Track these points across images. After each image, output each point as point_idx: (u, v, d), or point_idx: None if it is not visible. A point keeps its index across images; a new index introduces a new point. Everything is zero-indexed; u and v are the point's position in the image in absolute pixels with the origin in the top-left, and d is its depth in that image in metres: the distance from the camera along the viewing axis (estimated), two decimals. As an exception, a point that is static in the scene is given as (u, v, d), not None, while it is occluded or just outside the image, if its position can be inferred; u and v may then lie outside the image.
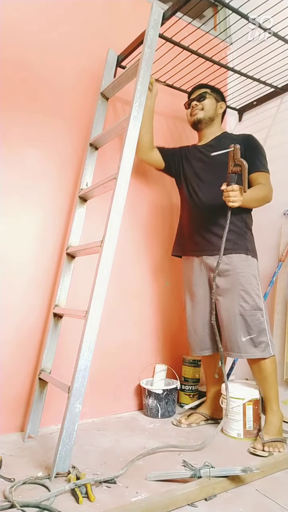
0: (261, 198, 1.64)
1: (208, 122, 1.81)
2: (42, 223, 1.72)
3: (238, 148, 1.46)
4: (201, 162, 1.79)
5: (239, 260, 1.62)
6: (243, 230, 1.67)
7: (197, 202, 1.75)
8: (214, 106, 1.81)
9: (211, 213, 1.68)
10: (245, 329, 1.58)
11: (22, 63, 1.70)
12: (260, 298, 1.61)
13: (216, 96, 1.82)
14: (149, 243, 2.08)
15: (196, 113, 1.80)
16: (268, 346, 1.57)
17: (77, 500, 1.09)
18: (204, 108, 1.78)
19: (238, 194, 1.48)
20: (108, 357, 1.87)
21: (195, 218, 1.76)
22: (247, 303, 1.58)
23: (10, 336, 1.61)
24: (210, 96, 1.79)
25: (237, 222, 1.65)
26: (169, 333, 2.12)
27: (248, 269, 1.62)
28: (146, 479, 1.22)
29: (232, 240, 1.62)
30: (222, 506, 1.11)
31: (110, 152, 1.90)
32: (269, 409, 1.59)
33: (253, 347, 1.56)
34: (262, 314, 1.59)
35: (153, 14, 1.56)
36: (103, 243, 1.36)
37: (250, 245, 1.68)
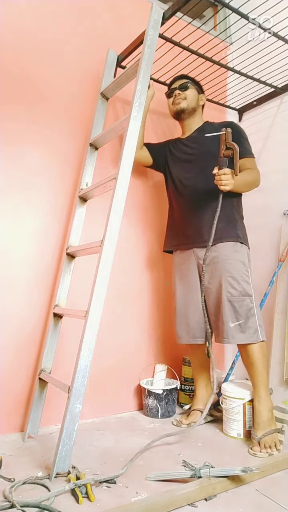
0: (251, 182, 1.66)
1: (191, 112, 1.81)
2: (42, 223, 1.72)
3: (230, 132, 1.47)
4: (186, 154, 1.81)
5: (227, 247, 1.63)
6: (233, 218, 1.68)
7: (185, 194, 1.77)
8: (196, 97, 1.81)
9: (200, 204, 1.69)
10: (233, 315, 1.58)
11: (22, 63, 1.70)
12: (249, 284, 1.61)
13: (197, 88, 1.83)
14: (149, 243, 2.08)
15: (179, 102, 1.79)
16: (257, 332, 1.57)
17: (77, 500, 1.09)
18: (187, 98, 1.79)
19: (229, 177, 1.49)
20: (108, 357, 1.87)
21: (184, 211, 1.77)
22: (234, 289, 1.59)
23: (10, 336, 1.61)
24: (192, 87, 1.80)
25: (227, 209, 1.65)
26: (169, 333, 2.11)
27: (236, 256, 1.63)
28: (146, 479, 1.22)
29: (221, 229, 1.62)
30: (222, 506, 1.11)
31: (110, 152, 1.90)
32: (256, 396, 1.56)
33: (241, 332, 1.57)
34: (251, 300, 1.60)
35: (153, 14, 1.56)
36: (103, 243, 1.36)
37: (240, 232, 1.68)
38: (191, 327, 1.75)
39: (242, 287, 1.59)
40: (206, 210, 1.67)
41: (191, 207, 1.74)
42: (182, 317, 1.78)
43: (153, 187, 2.12)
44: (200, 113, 1.87)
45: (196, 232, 1.71)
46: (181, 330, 1.79)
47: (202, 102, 1.86)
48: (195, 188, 1.72)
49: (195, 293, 1.74)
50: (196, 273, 1.74)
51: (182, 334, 1.78)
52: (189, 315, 1.76)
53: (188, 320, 1.76)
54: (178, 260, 1.83)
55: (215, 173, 1.52)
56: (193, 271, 1.75)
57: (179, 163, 1.83)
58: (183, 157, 1.82)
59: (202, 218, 1.68)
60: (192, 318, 1.75)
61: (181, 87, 1.80)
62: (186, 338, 1.77)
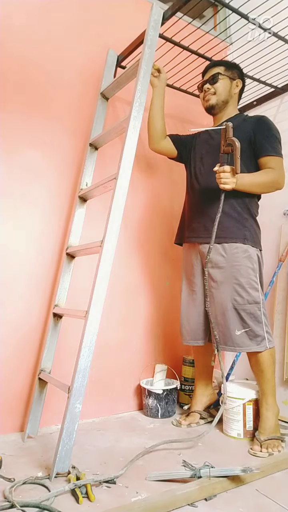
0: (265, 182, 1.54)
1: (222, 106, 1.71)
2: (42, 223, 1.72)
3: (230, 126, 1.40)
4: (207, 144, 1.72)
5: (235, 251, 1.56)
6: (243, 216, 1.59)
7: (196, 186, 1.72)
8: (228, 88, 1.69)
9: (210, 198, 1.61)
10: (239, 323, 1.55)
11: (22, 63, 1.70)
12: (258, 291, 1.56)
13: (231, 74, 1.70)
14: (149, 243, 2.08)
15: (208, 99, 1.70)
16: (265, 340, 1.54)
17: (77, 500, 1.09)
18: (216, 92, 1.68)
19: (229, 175, 1.43)
20: (108, 357, 1.87)
21: (193, 204, 1.73)
22: (241, 297, 1.54)
23: (10, 336, 1.61)
24: (223, 77, 1.68)
25: (237, 207, 1.58)
26: (169, 333, 2.12)
27: (245, 261, 1.55)
28: (146, 479, 1.22)
29: (229, 228, 1.56)
30: (222, 506, 1.11)
31: (110, 152, 1.90)
32: (264, 403, 1.56)
33: (249, 340, 1.53)
34: (259, 307, 1.55)
35: (153, 14, 1.56)
36: (103, 243, 1.36)
37: (250, 234, 1.58)
38: (192, 328, 1.73)
39: (250, 294, 1.54)
40: (211, 205, 1.59)
41: (201, 200, 1.68)
42: (185, 317, 1.77)
43: (153, 186, 2.12)
44: (234, 103, 1.75)
45: (201, 226, 1.65)
46: (184, 330, 1.77)
47: (237, 89, 1.72)
48: (208, 181, 1.64)
49: (197, 294, 1.71)
50: (199, 272, 1.70)
51: (184, 334, 1.77)
52: (189, 316, 1.74)
53: (189, 321, 1.75)
54: (184, 254, 1.79)
55: (215, 170, 1.47)
56: (196, 269, 1.71)
57: (199, 154, 1.75)
58: (204, 148, 1.73)
59: (208, 213, 1.61)
60: (192, 319, 1.73)
61: (211, 80, 1.69)
62: (187, 339, 1.76)
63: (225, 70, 1.70)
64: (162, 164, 2.15)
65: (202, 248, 1.66)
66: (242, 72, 1.77)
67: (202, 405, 1.79)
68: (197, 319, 1.72)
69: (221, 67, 1.71)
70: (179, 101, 2.19)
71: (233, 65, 1.75)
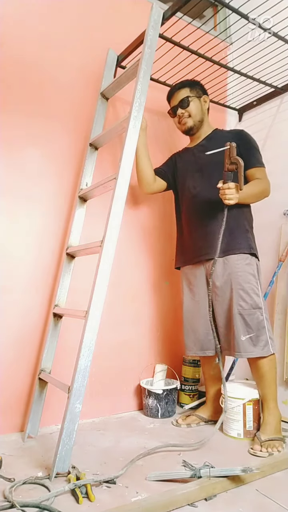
0: (258, 192, 1.63)
1: (199, 125, 1.78)
2: (42, 223, 1.72)
3: (234, 146, 1.46)
4: (194, 163, 1.77)
5: (238, 259, 1.61)
6: (245, 229, 1.67)
7: (193, 205, 1.74)
8: (200, 107, 1.76)
9: (209, 214, 1.66)
10: (245, 328, 1.57)
11: (22, 63, 1.70)
12: (260, 297, 1.60)
13: (197, 93, 1.76)
14: (149, 243, 2.08)
15: (185, 122, 1.76)
16: (268, 345, 1.57)
17: (77, 500, 1.09)
18: (191, 114, 1.74)
19: (234, 191, 1.49)
20: (108, 357, 1.86)
21: (192, 224, 1.75)
22: (245, 302, 1.58)
23: (10, 336, 1.61)
24: (192, 98, 1.73)
25: (239, 220, 1.65)
26: (169, 333, 2.12)
27: (247, 268, 1.61)
28: (146, 479, 1.22)
29: (233, 241, 1.62)
30: (222, 506, 1.11)
31: (110, 152, 1.90)
32: (265, 408, 1.58)
33: (253, 346, 1.56)
34: (262, 312, 1.58)
35: (153, 14, 1.56)
36: (103, 243, 1.36)
37: (252, 244, 1.66)
38: (199, 339, 1.74)
39: (253, 300, 1.58)
40: (215, 221, 1.63)
41: (199, 218, 1.70)
42: (190, 328, 1.77)
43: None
44: (207, 120, 1.82)
45: (205, 244, 1.67)
46: (189, 341, 1.77)
47: (207, 105, 1.80)
48: (204, 198, 1.68)
49: (203, 305, 1.72)
50: (205, 284, 1.72)
51: (190, 345, 1.77)
52: (197, 327, 1.74)
53: (196, 332, 1.75)
54: (187, 270, 1.80)
55: (220, 187, 1.51)
56: (201, 282, 1.73)
57: (187, 173, 1.79)
58: (191, 167, 1.78)
59: (210, 229, 1.64)
60: (200, 330, 1.73)
61: (182, 105, 1.73)
62: (194, 350, 1.76)
63: (190, 91, 1.74)
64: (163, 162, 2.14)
65: (206, 263, 1.70)
66: (203, 87, 1.81)
67: (208, 414, 1.79)
68: (205, 330, 1.72)
69: (186, 89, 1.74)
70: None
71: (194, 83, 1.79)
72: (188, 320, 1.79)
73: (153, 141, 2.06)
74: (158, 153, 2.06)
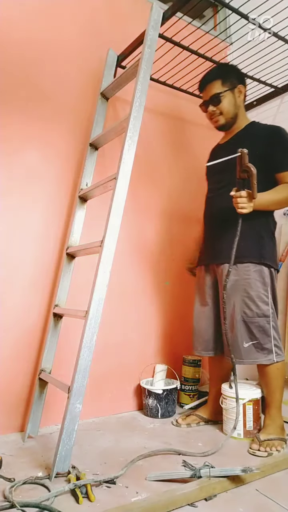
0: (282, 199, 1.52)
1: (233, 121, 1.67)
2: (42, 223, 1.72)
3: (246, 153, 1.35)
4: (220, 171, 1.66)
5: (246, 266, 1.56)
6: (260, 235, 1.58)
7: (212, 208, 1.71)
8: (233, 101, 1.63)
9: (225, 220, 1.59)
10: (247, 336, 1.54)
11: (22, 63, 1.70)
12: (268, 305, 1.54)
13: (230, 84, 1.62)
14: (149, 243, 2.08)
15: (217, 120, 1.66)
16: (271, 353, 1.53)
17: (77, 500, 1.09)
18: (223, 112, 1.63)
19: (246, 200, 1.41)
20: (108, 357, 1.86)
21: (210, 228, 1.73)
22: (250, 310, 1.54)
23: (10, 336, 1.61)
24: (225, 94, 1.61)
25: (255, 226, 1.56)
26: (169, 333, 2.12)
27: (255, 275, 1.55)
28: (146, 479, 1.22)
29: (244, 248, 1.53)
30: (222, 506, 1.11)
31: (110, 152, 1.90)
32: (267, 413, 1.58)
33: (256, 352, 1.53)
34: (268, 320, 1.54)
35: (153, 14, 1.56)
36: (103, 243, 1.36)
37: (266, 252, 1.57)
38: (205, 339, 1.73)
39: (259, 307, 1.53)
40: (229, 227, 1.54)
41: (216, 222, 1.67)
42: (197, 329, 1.77)
43: (155, 188, 2.12)
44: (242, 111, 1.69)
45: (217, 249, 1.64)
46: (196, 342, 1.77)
47: (241, 95, 1.65)
48: (223, 205, 1.57)
49: (210, 308, 1.72)
50: (212, 288, 1.71)
51: (196, 345, 1.77)
52: (202, 328, 1.74)
53: (201, 333, 1.74)
54: (199, 272, 1.80)
55: (232, 194, 1.44)
56: (210, 285, 1.72)
57: (213, 173, 1.73)
58: (216, 167, 1.61)
59: (224, 235, 1.59)
60: (205, 331, 1.73)
61: (213, 102, 1.63)
62: (199, 349, 1.75)
63: (222, 84, 1.62)
64: (163, 163, 2.15)
65: (215, 267, 1.67)
66: (239, 72, 1.70)
67: (209, 414, 1.79)
68: (207, 331, 1.72)
69: (218, 81, 1.62)
70: (179, 101, 2.19)
71: (229, 71, 1.67)
72: (195, 320, 1.79)
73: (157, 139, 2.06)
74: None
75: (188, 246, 2.19)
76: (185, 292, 2.17)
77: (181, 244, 2.17)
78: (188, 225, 2.18)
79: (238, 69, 1.72)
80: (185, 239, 2.19)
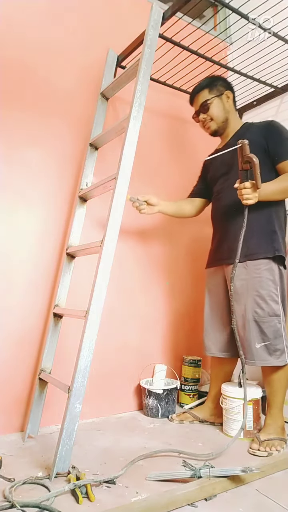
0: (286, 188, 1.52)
1: (224, 125, 1.72)
2: (42, 223, 1.72)
3: (246, 143, 1.36)
4: (222, 165, 1.71)
5: (257, 264, 1.55)
6: (271, 229, 1.57)
7: (220, 209, 1.71)
8: (221, 106, 1.69)
9: (234, 217, 1.60)
10: (259, 336, 1.53)
11: (22, 62, 1.70)
12: (278, 304, 1.53)
13: (217, 91, 1.69)
14: (149, 243, 2.08)
15: (209, 126, 1.72)
16: (284, 354, 1.52)
17: (77, 500, 1.09)
18: (213, 118, 1.70)
19: (250, 191, 1.41)
20: (108, 357, 1.87)
21: (219, 227, 1.73)
22: (262, 309, 1.53)
23: (10, 336, 1.61)
24: (212, 100, 1.68)
25: (263, 221, 1.56)
26: (169, 333, 2.12)
27: (266, 274, 1.54)
28: (146, 479, 1.22)
29: (254, 244, 1.54)
30: (222, 506, 1.11)
31: (110, 152, 1.90)
32: (268, 412, 1.58)
33: (268, 354, 1.52)
34: (279, 320, 1.53)
35: (153, 14, 1.56)
36: (103, 243, 1.36)
37: (278, 245, 1.55)
38: (219, 340, 1.73)
39: (270, 307, 1.52)
40: (237, 223, 1.54)
41: (224, 221, 1.68)
42: (210, 330, 1.76)
43: (155, 187, 2.12)
44: (233, 114, 1.74)
45: (226, 248, 1.64)
46: (209, 342, 1.76)
47: (230, 100, 1.71)
48: (227, 201, 1.63)
49: (220, 308, 1.72)
50: (224, 289, 1.70)
51: (209, 345, 1.76)
52: (216, 329, 1.74)
53: (216, 334, 1.74)
54: (209, 273, 1.80)
55: (236, 187, 1.45)
56: (220, 286, 1.72)
57: (217, 177, 1.75)
58: (221, 170, 1.70)
59: (232, 232, 1.60)
60: (220, 332, 1.72)
61: (203, 109, 1.70)
62: (213, 350, 1.74)
63: (209, 92, 1.69)
64: (163, 163, 2.15)
65: (225, 267, 1.67)
66: (224, 80, 1.75)
67: (204, 415, 1.78)
68: (224, 333, 1.71)
69: (204, 91, 1.69)
70: (179, 101, 2.19)
71: (213, 80, 1.73)
72: (207, 322, 1.78)
73: (158, 139, 2.06)
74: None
75: (188, 246, 2.20)
76: (185, 292, 2.17)
77: (181, 244, 2.18)
78: (188, 225, 2.18)
79: (224, 78, 1.78)
80: (185, 239, 2.19)
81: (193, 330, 2.18)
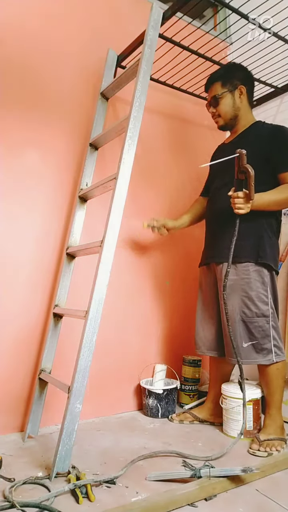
0: (282, 200, 1.51)
1: (233, 122, 1.68)
2: (42, 223, 1.72)
3: (244, 154, 1.35)
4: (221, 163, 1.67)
5: (245, 266, 1.56)
6: (259, 235, 1.57)
7: (213, 209, 1.72)
8: (231, 103, 1.64)
9: (224, 220, 1.59)
10: (247, 336, 1.55)
11: (22, 62, 1.70)
12: (267, 305, 1.54)
13: (230, 86, 1.63)
14: (150, 243, 2.08)
15: (217, 121, 1.71)
16: (271, 353, 1.53)
17: (77, 500, 1.09)
18: (220, 114, 1.67)
19: (242, 201, 1.41)
20: (108, 357, 1.86)
21: (211, 226, 1.74)
22: (249, 310, 1.54)
23: (10, 336, 1.61)
24: (223, 95, 1.63)
25: (255, 226, 1.56)
26: (169, 333, 2.12)
27: (254, 275, 1.55)
28: (146, 479, 1.22)
29: (243, 248, 1.54)
30: (222, 506, 1.11)
31: (110, 152, 1.90)
32: (267, 413, 1.58)
33: (255, 353, 1.53)
34: (268, 320, 1.54)
35: (153, 14, 1.56)
36: (103, 243, 1.36)
37: (264, 252, 1.56)
38: (208, 339, 1.74)
39: (258, 307, 1.53)
40: (228, 227, 1.54)
41: (216, 222, 1.69)
42: (200, 328, 1.78)
43: (155, 187, 2.12)
44: (245, 112, 1.68)
45: (216, 248, 1.65)
46: (199, 341, 1.78)
47: (242, 96, 1.65)
48: (222, 205, 1.59)
49: (211, 307, 1.73)
50: (213, 288, 1.71)
51: (199, 344, 1.77)
52: (205, 328, 1.75)
53: (205, 332, 1.75)
54: (201, 271, 1.81)
55: (230, 195, 1.45)
56: (210, 285, 1.73)
57: (216, 174, 1.74)
58: (221, 169, 1.66)
59: (223, 235, 1.60)
60: (208, 330, 1.74)
61: (213, 103, 1.67)
62: (202, 349, 1.76)
63: (222, 86, 1.64)
64: (163, 163, 2.15)
65: (215, 267, 1.67)
66: (243, 72, 1.69)
67: (204, 415, 1.78)
68: (212, 331, 1.72)
69: (218, 83, 1.65)
70: (179, 101, 2.19)
71: (229, 71, 1.67)
72: (198, 321, 1.80)
73: (157, 137, 2.06)
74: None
75: (188, 246, 2.19)
76: (185, 292, 2.17)
77: (181, 244, 2.17)
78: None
79: (243, 69, 1.71)
80: (185, 239, 2.19)
81: (193, 330, 2.17)
